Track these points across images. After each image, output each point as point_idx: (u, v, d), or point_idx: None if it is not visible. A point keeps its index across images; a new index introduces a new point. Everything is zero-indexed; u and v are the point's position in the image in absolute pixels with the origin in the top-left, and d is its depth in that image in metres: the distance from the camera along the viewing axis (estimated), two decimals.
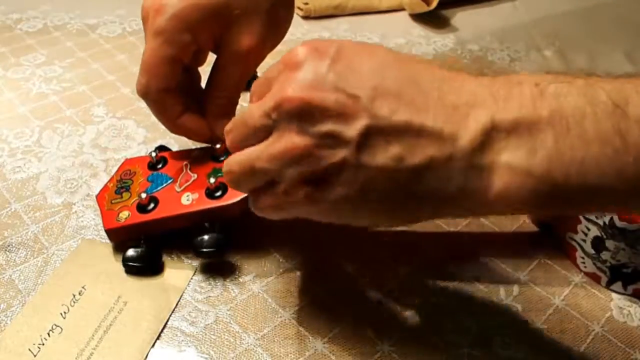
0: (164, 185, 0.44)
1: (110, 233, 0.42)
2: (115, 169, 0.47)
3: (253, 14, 0.42)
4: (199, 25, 0.41)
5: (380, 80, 0.29)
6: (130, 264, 0.41)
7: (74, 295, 0.40)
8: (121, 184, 0.45)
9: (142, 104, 0.43)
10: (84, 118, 0.57)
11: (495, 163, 0.28)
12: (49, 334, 0.38)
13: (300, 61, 0.30)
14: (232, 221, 0.42)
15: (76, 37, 0.71)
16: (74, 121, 0.57)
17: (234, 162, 0.33)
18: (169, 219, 0.41)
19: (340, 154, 0.29)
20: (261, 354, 0.37)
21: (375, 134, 0.28)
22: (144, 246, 0.41)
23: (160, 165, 0.46)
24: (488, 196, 0.28)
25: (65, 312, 0.39)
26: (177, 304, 0.40)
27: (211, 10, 0.40)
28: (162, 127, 0.45)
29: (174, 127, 0.44)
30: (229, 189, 0.41)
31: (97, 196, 0.45)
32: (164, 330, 0.38)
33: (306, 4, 0.76)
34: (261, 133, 0.32)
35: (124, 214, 0.42)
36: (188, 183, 0.43)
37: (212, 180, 0.42)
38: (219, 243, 0.41)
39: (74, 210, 0.47)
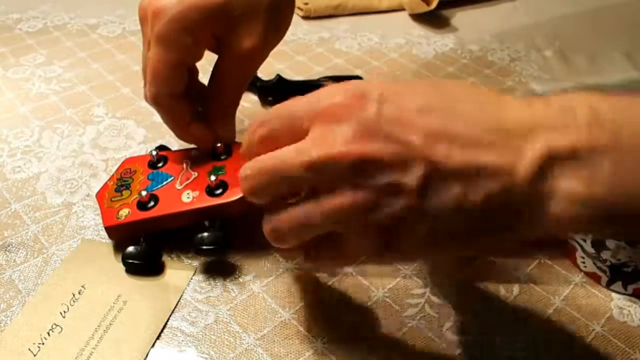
0: (165, 183, 0.44)
1: (110, 230, 0.42)
2: (115, 168, 0.47)
3: (253, 14, 0.42)
4: (200, 27, 0.40)
5: (430, 121, 0.28)
6: (130, 261, 0.41)
7: (74, 295, 0.40)
8: (121, 182, 0.45)
9: (142, 104, 0.43)
10: (84, 118, 0.57)
11: (553, 192, 0.27)
12: (48, 334, 0.38)
13: (343, 110, 0.29)
14: (232, 219, 0.42)
15: (76, 37, 0.71)
16: (74, 121, 0.57)
17: (281, 219, 0.32)
18: (169, 216, 0.41)
19: (401, 202, 0.28)
20: (261, 354, 0.37)
21: (434, 179, 0.28)
22: (143, 244, 0.41)
23: (160, 164, 0.46)
24: (545, 222, 0.28)
25: (65, 312, 0.39)
26: (177, 304, 0.40)
27: (211, 11, 0.40)
28: (163, 127, 0.45)
29: (185, 134, 0.44)
30: (230, 187, 0.42)
31: (97, 194, 0.45)
32: (164, 330, 0.38)
33: (306, 4, 0.76)
34: (299, 183, 0.31)
35: (124, 212, 0.42)
36: (188, 181, 0.43)
37: (212, 178, 0.42)
38: (219, 241, 0.41)
39: (74, 210, 0.47)
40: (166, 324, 0.39)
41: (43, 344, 0.37)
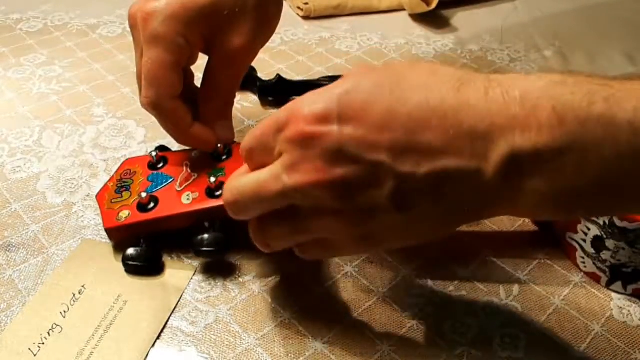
0: (164, 184, 0.44)
1: (110, 232, 0.42)
2: (116, 168, 0.47)
3: (241, 13, 0.42)
4: (190, 27, 0.40)
5: (392, 136, 0.29)
6: (130, 263, 0.41)
7: (74, 295, 0.40)
8: (121, 183, 0.45)
9: None
10: (84, 118, 0.57)
11: (520, 188, 0.28)
12: (49, 334, 0.38)
13: (307, 137, 0.30)
14: (232, 221, 0.42)
15: (76, 37, 0.71)
16: (74, 121, 0.57)
17: (270, 234, 0.35)
18: (169, 218, 0.41)
19: (379, 215, 0.30)
20: (261, 354, 0.37)
21: (406, 189, 0.29)
22: (143, 245, 0.41)
23: (160, 165, 0.46)
24: (510, 209, 0.31)
25: (65, 312, 0.39)
26: (177, 304, 0.40)
27: (200, 12, 0.40)
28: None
29: (186, 137, 0.44)
30: None
31: (97, 196, 0.45)
32: (164, 330, 0.38)
33: (306, 4, 0.76)
34: (276, 205, 0.33)
35: (124, 213, 0.42)
36: (188, 182, 0.43)
37: (212, 179, 0.42)
38: (219, 242, 0.41)
39: (74, 210, 0.47)
40: (166, 324, 0.39)
41: (43, 344, 0.37)
